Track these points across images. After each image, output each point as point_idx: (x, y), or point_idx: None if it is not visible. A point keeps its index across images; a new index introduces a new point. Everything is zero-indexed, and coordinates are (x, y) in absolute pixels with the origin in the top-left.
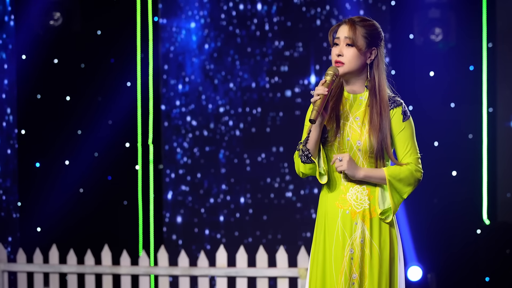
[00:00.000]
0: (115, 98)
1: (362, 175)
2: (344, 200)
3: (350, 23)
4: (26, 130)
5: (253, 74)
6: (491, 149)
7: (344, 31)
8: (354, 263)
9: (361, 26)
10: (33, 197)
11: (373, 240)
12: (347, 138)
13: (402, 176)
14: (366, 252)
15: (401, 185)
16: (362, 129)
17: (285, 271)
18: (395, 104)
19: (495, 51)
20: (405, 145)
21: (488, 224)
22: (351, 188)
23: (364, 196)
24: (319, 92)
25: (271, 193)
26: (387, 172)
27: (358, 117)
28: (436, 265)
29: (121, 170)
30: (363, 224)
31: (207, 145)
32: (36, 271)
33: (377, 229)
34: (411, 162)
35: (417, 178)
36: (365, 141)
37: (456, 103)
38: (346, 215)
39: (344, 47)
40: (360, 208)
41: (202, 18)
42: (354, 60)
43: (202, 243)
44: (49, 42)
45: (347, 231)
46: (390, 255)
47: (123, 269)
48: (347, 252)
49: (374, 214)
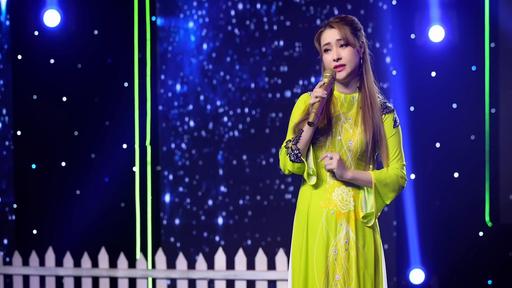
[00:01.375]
0: (112, 98)
1: (350, 176)
2: (329, 200)
3: (335, 25)
4: (22, 131)
5: (252, 75)
6: (493, 150)
7: (334, 34)
8: (338, 264)
9: (345, 25)
10: (29, 199)
11: (358, 241)
12: (338, 137)
13: (388, 181)
14: (351, 254)
15: (386, 190)
16: (355, 130)
17: (285, 274)
18: (387, 110)
19: (498, 51)
20: (393, 150)
21: (491, 227)
22: (336, 188)
23: (349, 197)
24: (318, 95)
25: (271, 195)
26: (374, 176)
27: (350, 117)
28: (438, 268)
29: (118, 171)
30: (348, 226)
31: (205, 146)
32: (32, 274)
33: (361, 231)
34: (398, 168)
35: (402, 185)
36: (357, 142)
37: (458, 103)
38: (331, 215)
39: (340, 49)
40: (345, 209)
41: (200, 17)
42: (353, 58)
43: (200, 245)
44: (45, 42)
45: (331, 232)
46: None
47: (120, 272)
48: (331, 252)
49: (359, 216)
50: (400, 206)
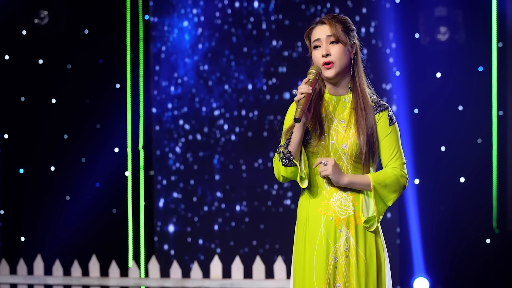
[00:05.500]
0: (103, 100)
1: (347, 181)
2: (327, 206)
3: (327, 21)
4: (9, 134)
5: (250, 76)
6: (501, 154)
7: (324, 30)
8: (338, 272)
9: (337, 22)
10: (16, 205)
11: (358, 248)
12: (331, 141)
13: (387, 182)
14: (351, 260)
15: (386, 192)
16: (348, 132)
17: (283, 283)
18: (381, 108)
19: (506, 51)
20: (391, 150)
21: (498, 233)
22: (334, 193)
23: (348, 202)
24: (303, 91)
25: (269, 200)
26: (372, 178)
27: (343, 119)
28: (443, 276)
29: (109, 176)
30: (348, 231)
31: (200, 150)
32: (20, 283)
33: (362, 236)
34: (397, 167)
35: (403, 184)
36: (351, 144)
37: (464, 105)
38: (329, 222)
39: (329, 46)
40: (344, 214)
41: (195, 16)
42: (343, 56)
43: (195, 253)
44: (33, 42)
45: (331, 239)
46: (377, 263)
47: (112, 281)
48: (331, 260)
49: (359, 220)
50: (404, 212)
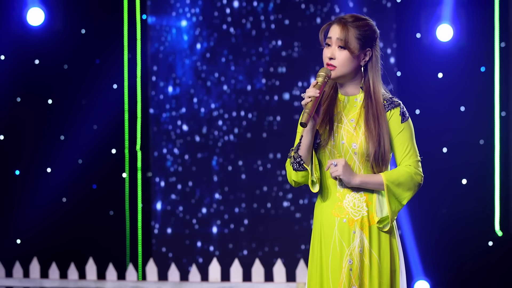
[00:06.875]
0: (100, 101)
1: (358, 181)
2: (340, 208)
3: (342, 23)
4: (5, 135)
5: (249, 76)
6: (504, 155)
7: (336, 31)
8: (353, 275)
9: (353, 27)
10: (12, 207)
11: (372, 249)
12: (341, 141)
13: (401, 180)
14: (365, 262)
15: (400, 190)
16: (357, 131)
17: (283, 286)
18: (393, 105)
19: (508, 51)
20: (404, 147)
21: (501, 236)
22: (347, 195)
23: (361, 202)
24: (311, 94)
25: (268, 202)
26: (385, 177)
27: (353, 119)
28: (444, 280)
29: (107, 178)
30: (362, 233)
31: (199, 151)
32: (15, 286)
33: (376, 237)
34: (410, 164)
35: (417, 182)
36: (361, 143)
37: (466, 106)
38: (343, 224)
39: (336, 50)
40: (358, 215)
41: (193, 16)
42: (347, 64)
43: (193, 256)
44: (29, 42)
45: (344, 241)
46: (391, 267)
47: (109, 284)
48: (346, 263)
49: (373, 221)
50: (405, 214)
